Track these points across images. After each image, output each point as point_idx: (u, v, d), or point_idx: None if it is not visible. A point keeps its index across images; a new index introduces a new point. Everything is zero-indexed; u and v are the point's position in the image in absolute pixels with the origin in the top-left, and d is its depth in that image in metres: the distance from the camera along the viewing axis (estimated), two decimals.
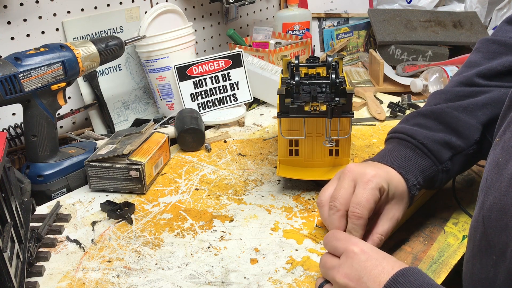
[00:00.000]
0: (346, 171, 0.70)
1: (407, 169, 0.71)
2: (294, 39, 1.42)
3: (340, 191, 0.69)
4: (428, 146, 0.73)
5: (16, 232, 0.65)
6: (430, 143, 0.73)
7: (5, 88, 0.80)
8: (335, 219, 0.68)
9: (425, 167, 0.73)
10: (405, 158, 0.73)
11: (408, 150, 0.74)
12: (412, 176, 0.71)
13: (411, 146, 0.74)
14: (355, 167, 0.70)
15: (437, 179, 0.75)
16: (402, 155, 0.73)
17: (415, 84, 1.31)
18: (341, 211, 0.68)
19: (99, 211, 0.85)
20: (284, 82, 0.90)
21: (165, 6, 1.18)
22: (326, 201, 0.71)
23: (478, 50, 0.82)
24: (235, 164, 1.00)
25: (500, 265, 0.51)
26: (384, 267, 0.55)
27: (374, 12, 1.61)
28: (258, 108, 1.29)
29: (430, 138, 0.73)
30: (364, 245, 0.59)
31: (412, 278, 0.53)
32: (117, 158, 0.88)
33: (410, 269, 0.54)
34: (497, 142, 0.57)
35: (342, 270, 0.57)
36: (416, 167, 0.72)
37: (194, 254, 0.73)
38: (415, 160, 0.73)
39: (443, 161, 0.73)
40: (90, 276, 0.69)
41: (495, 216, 0.51)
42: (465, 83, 0.79)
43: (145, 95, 1.29)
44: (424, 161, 0.73)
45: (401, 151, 0.74)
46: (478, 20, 1.61)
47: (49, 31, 1.08)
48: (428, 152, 0.73)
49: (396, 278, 0.53)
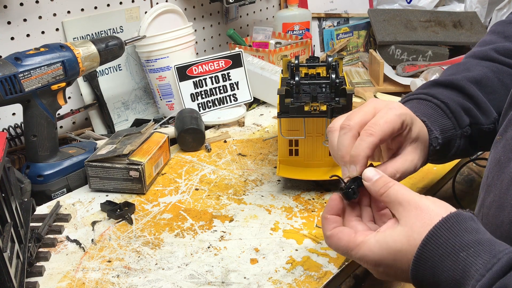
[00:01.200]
0: (368, 100, 0.62)
1: (430, 121, 0.66)
2: (294, 39, 1.42)
3: (358, 113, 0.59)
4: (450, 106, 0.68)
5: (16, 232, 0.65)
6: (452, 104, 0.68)
7: (5, 88, 0.81)
8: (345, 139, 0.58)
9: (445, 127, 0.67)
10: (427, 115, 0.67)
11: (429, 108, 0.68)
12: (434, 130, 0.66)
13: (432, 106, 0.68)
14: (379, 100, 0.62)
15: (455, 145, 0.69)
16: (424, 112, 0.67)
17: (415, 84, 1.31)
18: (354, 131, 0.58)
19: (99, 211, 0.85)
20: (284, 82, 0.90)
21: (165, 6, 1.18)
22: (357, 125, 0.59)
23: (492, 31, 0.78)
24: (235, 164, 1.00)
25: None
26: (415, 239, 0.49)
27: (374, 12, 1.61)
28: (258, 108, 1.29)
29: (453, 99, 0.69)
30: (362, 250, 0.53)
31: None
32: (117, 158, 0.88)
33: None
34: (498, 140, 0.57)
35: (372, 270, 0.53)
36: (437, 124, 0.66)
37: (194, 254, 0.73)
38: (436, 118, 0.67)
39: (464, 125, 0.68)
40: (90, 276, 0.69)
41: (492, 213, 0.51)
42: (480, 57, 0.75)
43: (145, 95, 1.29)
44: (444, 121, 0.67)
45: (421, 109, 0.68)
46: (478, 20, 1.61)
47: (49, 31, 1.08)
48: (450, 113, 0.68)
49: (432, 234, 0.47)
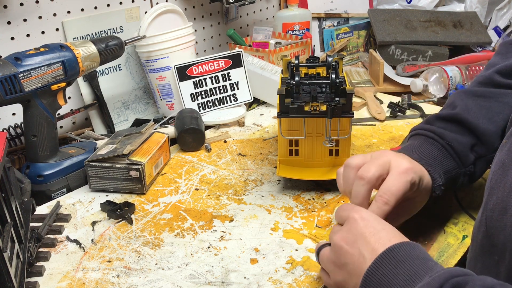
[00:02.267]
0: (383, 152, 0.68)
1: (433, 168, 0.71)
2: (294, 39, 1.42)
3: (374, 166, 0.65)
4: (455, 148, 0.73)
5: (16, 232, 0.65)
6: (457, 145, 0.73)
7: (5, 88, 0.80)
8: (362, 190, 0.65)
9: (449, 168, 0.72)
10: (432, 157, 0.72)
11: (435, 149, 0.73)
12: (438, 176, 0.71)
13: (438, 146, 0.74)
14: (391, 153, 0.68)
15: (459, 181, 0.75)
16: (429, 154, 0.72)
17: (415, 84, 1.31)
18: (370, 185, 0.65)
19: (99, 211, 0.85)
20: (284, 82, 0.90)
21: (165, 6, 1.18)
22: (357, 166, 0.67)
23: (497, 53, 0.83)
24: (235, 164, 1.00)
25: (501, 265, 0.51)
26: (381, 237, 0.55)
27: (374, 12, 1.61)
28: (258, 108, 1.29)
29: (457, 140, 0.73)
30: (365, 213, 0.58)
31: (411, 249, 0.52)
32: (117, 158, 0.88)
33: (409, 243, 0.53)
34: (504, 143, 0.57)
35: (340, 234, 0.58)
36: (441, 167, 0.72)
37: (194, 254, 0.73)
38: (441, 160, 0.72)
39: (468, 164, 0.74)
40: (90, 276, 0.69)
41: (496, 216, 0.52)
42: (484, 83, 0.79)
43: (145, 95, 1.29)
44: (449, 162, 0.73)
45: (428, 149, 0.73)
46: (478, 20, 1.61)
47: (49, 31, 1.08)
48: (454, 154, 0.73)
49: (391, 250, 0.52)
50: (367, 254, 0.54)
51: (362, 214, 0.58)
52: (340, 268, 0.57)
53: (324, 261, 0.60)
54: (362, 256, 0.54)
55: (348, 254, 0.56)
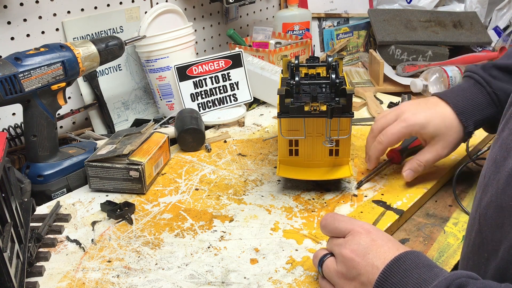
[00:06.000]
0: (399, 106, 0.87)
1: (471, 114, 0.80)
2: (294, 39, 1.42)
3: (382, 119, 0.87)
4: (499, 96, 0.80)
5: (16, 232, 0.65)
6: (502, 94, 0.79)
7: (5, 88, 0.80)
8: (368, 139, 0.89)
9: (489, 115, 0.81)
10: (474, 104, 0.81)
11: (480, 95, 0.81)
12: (472, 123, 0.81)
13: (484, 92, 0.81)
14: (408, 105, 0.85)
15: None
16: (472, 99, 0.81)
17: (415, 84, 1.31)
18: (374, 134, 0.87)
19: (99, 211, 0.85)
20: (284, 82, 0.90)
21: (165, 6, 1.18)
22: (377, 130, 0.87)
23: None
24: (235, 164, 1.00)
25: (491, 262, 0.51)
26: (390, 247, 0.57)
27: (374, 12, 1.61)
28: (258, 108, 1.29)
29: (503, 89, 0.80)
30: (367, 225, 0.61)
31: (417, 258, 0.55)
32: (117, 158, 0.88)
33: (415, 252, 0.56)
34: (496, 139, 0.57)
35: (349, 246, 0.59)
36: (481, 113, 0.81)
37: (194, 254, 0.73)
38: (482, 107, 0.81)
39: None
40: (90, 276, 0.69)
41: (491, 214, 0.51)
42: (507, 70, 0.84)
43: (145, 95, 1.29)
44: (490, 109, 0.81)
45: (473, 93, 0.82)
46: (478, 20, 1.61)
47: (49, 31, 1.08)
48: (498, 102, 0.80)
49: (401, 257, 0.55)
50: (380, 265, 0.55)
51: (368, 228, 0.60)
52: (351, 280, 0.58)
53: (331, 274, 0.61)
54: (376, 267, 0.56)
55: (361, 266, 0.57)
